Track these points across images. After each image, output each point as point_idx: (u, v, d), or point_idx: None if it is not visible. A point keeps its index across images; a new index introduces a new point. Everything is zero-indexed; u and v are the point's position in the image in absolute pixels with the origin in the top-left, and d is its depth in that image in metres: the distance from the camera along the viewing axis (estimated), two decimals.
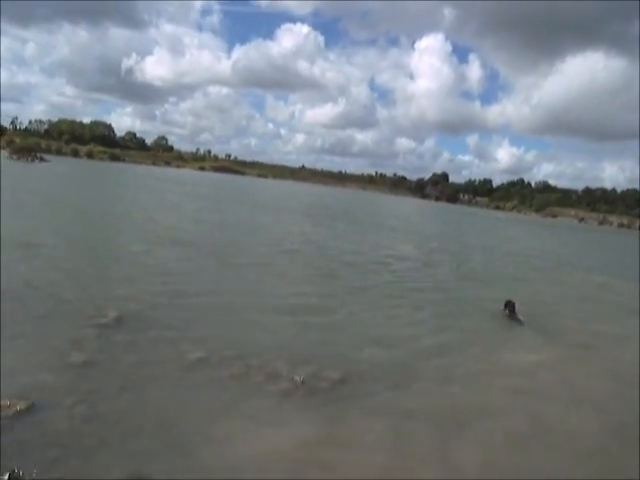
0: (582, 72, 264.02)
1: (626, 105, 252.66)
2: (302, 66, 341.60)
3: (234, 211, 26.75)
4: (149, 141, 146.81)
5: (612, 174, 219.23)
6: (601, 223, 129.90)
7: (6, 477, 3.27)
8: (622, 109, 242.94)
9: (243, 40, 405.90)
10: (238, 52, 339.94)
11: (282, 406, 4.89)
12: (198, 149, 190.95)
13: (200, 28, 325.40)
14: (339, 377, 5.57)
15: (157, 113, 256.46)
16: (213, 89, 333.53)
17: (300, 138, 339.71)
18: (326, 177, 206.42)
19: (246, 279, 10.30)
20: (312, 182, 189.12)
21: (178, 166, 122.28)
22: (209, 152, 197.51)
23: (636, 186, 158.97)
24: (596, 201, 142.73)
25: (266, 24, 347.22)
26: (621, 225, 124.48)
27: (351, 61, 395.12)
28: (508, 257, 21.67)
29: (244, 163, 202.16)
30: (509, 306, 9.44)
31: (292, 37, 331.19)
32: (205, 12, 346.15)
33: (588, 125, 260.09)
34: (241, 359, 5.77)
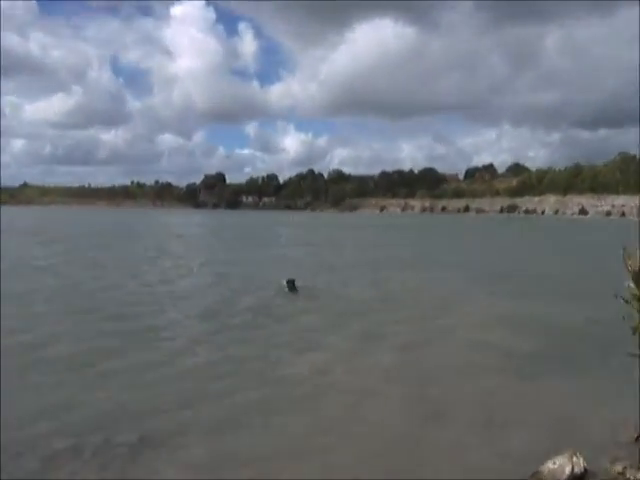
0: (371, 41, 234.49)
1: (418, 78, 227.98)
2: (12, 41, 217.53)
3: None
4: None
5: (410, 153, 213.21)
6: (404, 209, 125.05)
7: None
8: (414, 82, 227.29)
9: None
10: None
11: None
12: None
13: None
14: (137, 437, 4.63)
15: None
16: None
17: (19, 144, 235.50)
18: (64, 195, 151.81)
19: None
20: (42, 204, 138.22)
21: None
22: None
23: (434, 164, 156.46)
24: (395, 185, 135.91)
25: None
26: (424, 209, 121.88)
27: (84, 35, 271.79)
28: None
29: None
30: (289, 283, 12.49)
31: None
32: None
33: (381, 101, 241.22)
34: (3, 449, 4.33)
